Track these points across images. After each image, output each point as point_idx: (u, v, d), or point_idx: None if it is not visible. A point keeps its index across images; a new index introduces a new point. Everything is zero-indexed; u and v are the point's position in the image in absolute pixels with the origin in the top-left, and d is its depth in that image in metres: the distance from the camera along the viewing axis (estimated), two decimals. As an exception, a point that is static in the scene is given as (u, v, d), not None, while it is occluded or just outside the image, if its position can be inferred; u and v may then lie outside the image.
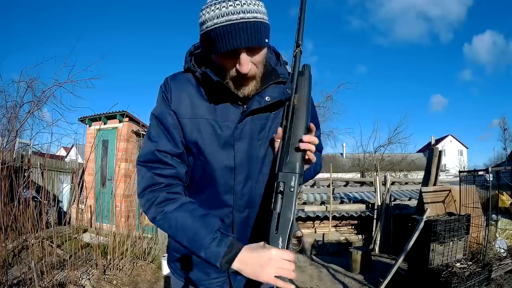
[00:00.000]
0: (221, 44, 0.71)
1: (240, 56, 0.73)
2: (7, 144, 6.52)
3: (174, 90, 0.83)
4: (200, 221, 0.75)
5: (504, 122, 24.21)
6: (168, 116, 0.82)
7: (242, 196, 0.85)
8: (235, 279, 0.93)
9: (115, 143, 6.05)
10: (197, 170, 0.85)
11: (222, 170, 0.83)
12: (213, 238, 0.71)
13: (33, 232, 3.52)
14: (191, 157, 0.85)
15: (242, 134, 0.82)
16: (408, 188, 6.91)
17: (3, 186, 3.64)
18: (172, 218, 0.76)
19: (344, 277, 3.89)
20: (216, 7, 0.71)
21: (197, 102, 0.83)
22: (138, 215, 5.70)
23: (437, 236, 2.98)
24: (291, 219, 0.71)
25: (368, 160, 14.83)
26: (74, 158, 14.94)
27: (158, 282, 3.62)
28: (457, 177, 4.77)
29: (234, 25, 0.69)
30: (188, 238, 0.74)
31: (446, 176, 17.48)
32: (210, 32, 0.72)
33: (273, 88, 0.84)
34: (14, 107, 7.75)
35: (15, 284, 2.91)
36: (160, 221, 0.77)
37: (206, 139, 0.82)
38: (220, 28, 0.70)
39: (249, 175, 0.85)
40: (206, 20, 0.72)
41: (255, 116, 0.83)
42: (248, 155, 0.83)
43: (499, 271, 3.31)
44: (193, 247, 0.73)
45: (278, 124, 0.85)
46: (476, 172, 3.75)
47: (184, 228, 0.74)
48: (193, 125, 0.82)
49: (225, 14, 0.70)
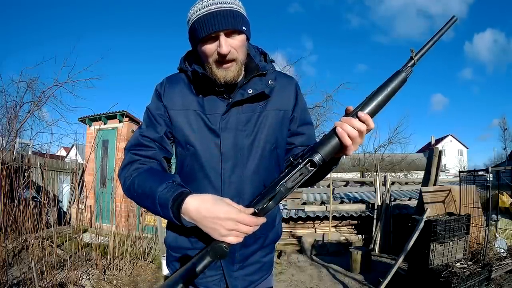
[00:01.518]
0: (202, 30, 0.81)
1: (219, 39, 0.81)
2: (7, 144, 6.53)
3: (167, 87, 0.93)
4: (157, 176, 0.79)
5: (504, 122, 24.23)
6: (157, 109, 0.92)
7: (230, 184, 0.87)
8: (231, 276, 0.92)
9: (115, 143, 6.05)
10: (187, 159, 0.90)
11: (210, 158, 0.88)
12: (165, 187, 0.74)
13: (33, 232, 3.52)
14: (180, 147, 0.92)
15: (228, 124, 0.87)
16: (408, 188, 6.91)
17: (3, 186, 3.63)
18: (135, 182, 0.81)
19: (344, 277, 3.89)
20: (199, 4, 0.83)
21: (188, 97, 0.91)
22: (138, 215, 5.71)
23: (437, 236, 2.98)
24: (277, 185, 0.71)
25: (368, 160, 14.83)
26: (74, 158, 14.94)
27: (158, 282, 3.62)
28: (457, 177, 4.78)
29: (212, 13, 0.80)
30: (145, 194, 0.77)
31: (446, 176, 17.50)
32: (194, 24, 0.82)
33: (256, 82, 0.91)
34: (14, 107, 7.76)
35: (15, 284, 2.91)
36: (128, 188, 0.82)
37: (195, 128, 0.88)
38: (201, 18, 0.81)
39: (236, 163, 0.87)
40: (191, 16, 0.84)
41: (240, 108, 0.89)
42: (234, 144, 0.87)
43: (499, 271, 3.31)
44: (149, 201, 0.76)
45: (267, 117, 0.90)
46: (476, 172, 3.75)
47: (144, 187, 0.78)
48: (183, 116, 0.89)
49: (205, 6, 0.81)
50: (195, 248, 0.90)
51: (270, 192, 0.71)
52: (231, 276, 0.92)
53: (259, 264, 0.97)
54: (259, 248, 0.96)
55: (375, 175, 6.14)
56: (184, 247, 0.92)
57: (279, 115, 0.93)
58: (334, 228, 5.46)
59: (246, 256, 0.94)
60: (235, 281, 0.93)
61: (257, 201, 0.72)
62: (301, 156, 0.73)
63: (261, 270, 0.98)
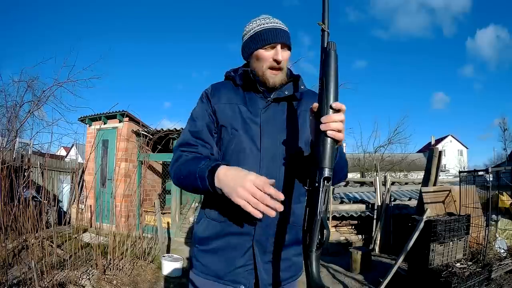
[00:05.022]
0: (268, 37, 0.99)
1: (276, 48, 0.99)
2: (7, 144, 6.53)
3: (214, 89, 1.08)
4: (198, 159, 0.93)
5: (504, 122, 24.17)
6: (202, 108, 1.05)
7: (264, 167, 0.96)
8: (261, 267, 0.93)
9: (115, 143, 6.05)
10: (231, 143, 1.00)
11: (250, 141, 0.98)
12: (203, 163, 0.88)
13: (33, 232, 3.52)
14: (225, 133, 1.01)
15: (267, 118, 1.01)
16: (408, 188, 6.91)
17: (3, 186, 3.64)
18: (181, 169, 0.95)
19: (344, 277, 3.89)
20: (260, 21, 1.02)
21: (232, 95, 1.05)
22: (138, 215, 5.71)
23: (437, 236, 2.98)
24: (316, 215, 0.73)
25: (368, 160, 14.82)
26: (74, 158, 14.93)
27: (158, 282, 3.62)
28: (457, 177, 4.77)
29: (276, 28, 1.00)
30: (188, 174, 0.91)
31: (446, 176, 17.49)
32: (259, 31, 1.00)
33: (290, 86, 1.07)
34: (14, 107, 7.76)
35: (15, 284, 2.91)
36: (175, 176, 0.97)
37: (239, 117, 1.01)
38: (265, 28, 1.00)
39: (273, 150, 0.98)
40: (254, 27, 1.02)
41: (277, 106, 1.04)
42: (271, 135, 0.99)
43: (499, 271, 3.31)
44: (192, 179, 0.89)
45: (300, 116, 1.03)
46: (476, 172, 3.75)
47: (187, 169, 0.92)
48: (229, 108, 1.02)
49: (268, 23, 1.02)
50: (226, 234, 0.95)
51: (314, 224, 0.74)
52: (262, 267, 0.93)
53: (290, 262, 0.99)
54: (292, 242, 0.98)
55: (375, 175, 6.14)
56: (212, 237, 0.98)
57: (307, 116, 1.02)
58: (334, 228, 5.46)
59: (279, 247, 0.96)
60: (265, 274, 0.94)
61: (310, 240, 0.74)
62: (311, 177, 0.77)
63: (290, 270, 1.00)
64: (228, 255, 0.95)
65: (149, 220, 5.78)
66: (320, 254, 0.76)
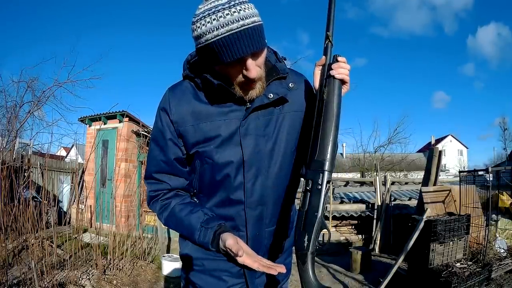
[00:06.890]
0: (226, 54, 0.70)
1: (246, 63, 0.73)
2: (7, 144, 6.53)
3: (173, 102, 0.84)
4: (187, 216, 0.86)
5: (504, 122, 24.18)
6: (162, 136, 0.87)
7: (253, 193, 0.84)
8: (253, 283, 0.92)
9: (115, 143, 6.05)
10: (206, 173, 0.86)
11: (231, 168, 0.83)
12: (198, 234, 0.83)
13: (33, 232, 3.52)
14: (199, 161, 0.86)
15: (248, 130, 0.82)
16: (408, 188, 6.90)
17: (3, 186, 3.64)
18: (169, 221, 0.89)
19: (344, 277, 3.89)
20: (212, 18, 0.69)
21: (198, 107, 0.83)
22: (138, 215, 5.71)
23: (437, 236, 2.98)
24: (317, 217, 0.73)
25: (368, 160, 14.83)
26: (74, 158, 14.94)
27: (158, 282, 3.62)
28: (457, 177, 4.77)
29: (236, 34, 0.69)
30: (187, 234, 0.87)
31: (446, 176, 17.48)
32: (212, 45, 0.70)
33: (276, 85, 0.86)
34: (14, 107, 7.77)
35: (15, 284, 2.91)
36: (167, 225, 0.92)
37: (212, 140, 0.82)
38: (222, 39, 0.69)
39: (259, 170, 0.84)
40: (204, 33, 0.71)
41: (259, 112, 0.84)
42: (256, 151, 0.83)
43: (499, 271, 3.31)
44: (192, 240, 0.87)
45: (286, 120, 0.87)
46: (476, 172, 3.74)
47: (181, 229, 0.89)
48: (197, 131, 0.83)
49: (225, 25, 0.69)
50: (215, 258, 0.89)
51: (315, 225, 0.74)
52: (253, 283, 0.92)
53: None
54: (285, 254, 0.98)
55: (375, 175, 6.14)
56: (202, 257, 0.92)
57: (296, 116, 0.89)
58: (334, 228, 5.46)
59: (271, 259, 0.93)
60: (259, 286, 0.93)
61: (308, 241, 0.75)
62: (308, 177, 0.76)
63: (280, 274, 0.99)
64: (219, 276, 0.91)
65: (149, 220, 5.77)
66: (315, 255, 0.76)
